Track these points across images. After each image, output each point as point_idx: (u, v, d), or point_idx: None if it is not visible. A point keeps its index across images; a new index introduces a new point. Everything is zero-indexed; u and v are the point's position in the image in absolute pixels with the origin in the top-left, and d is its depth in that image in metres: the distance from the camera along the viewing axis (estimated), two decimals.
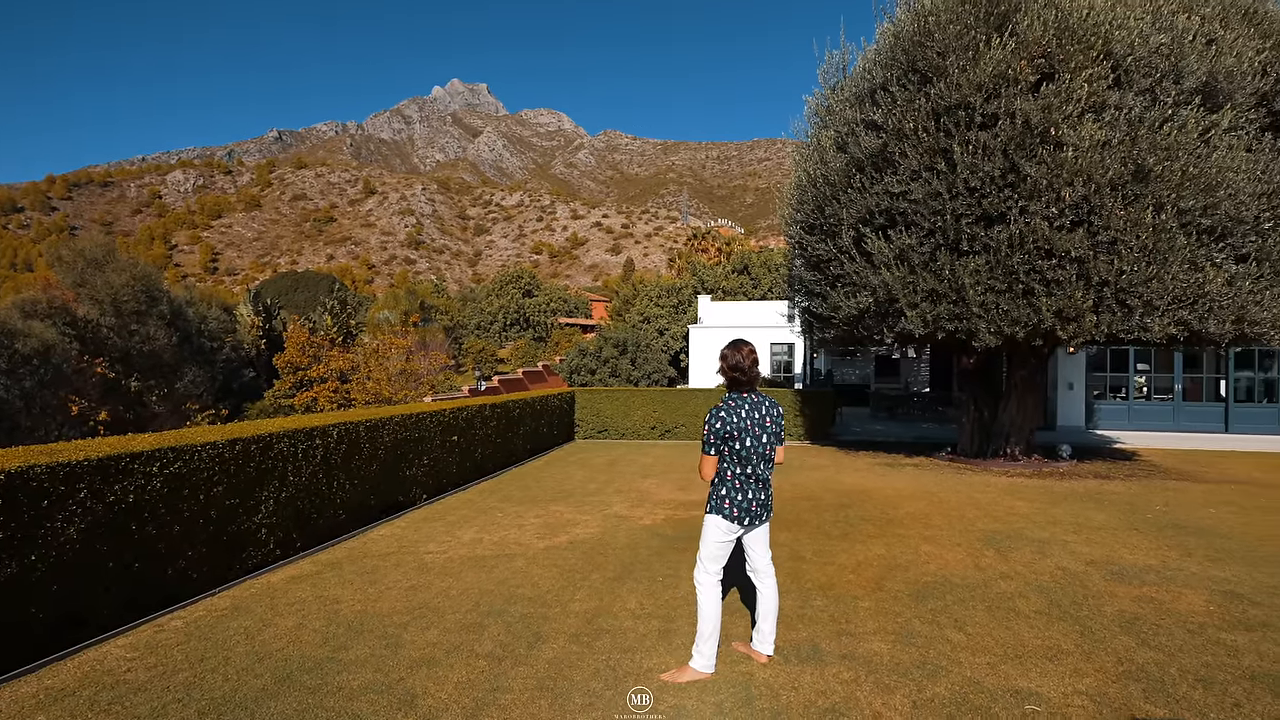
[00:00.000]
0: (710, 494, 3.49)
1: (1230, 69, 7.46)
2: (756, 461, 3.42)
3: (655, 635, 4.00)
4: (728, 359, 3.47)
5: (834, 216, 9.84)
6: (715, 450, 3.40)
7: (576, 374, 23.36)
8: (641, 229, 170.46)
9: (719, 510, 3.43)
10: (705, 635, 3.46)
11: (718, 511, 3.44)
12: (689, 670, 3.46)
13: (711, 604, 3.47)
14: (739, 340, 3.55)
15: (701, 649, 3.46)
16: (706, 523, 3.50)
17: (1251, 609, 4.45)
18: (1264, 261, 7.61)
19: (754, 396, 3.49)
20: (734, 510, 3.42)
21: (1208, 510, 7.42)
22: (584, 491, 8.62)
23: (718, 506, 3.44)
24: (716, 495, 3.46)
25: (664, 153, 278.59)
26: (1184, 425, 15.63)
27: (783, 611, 4.36)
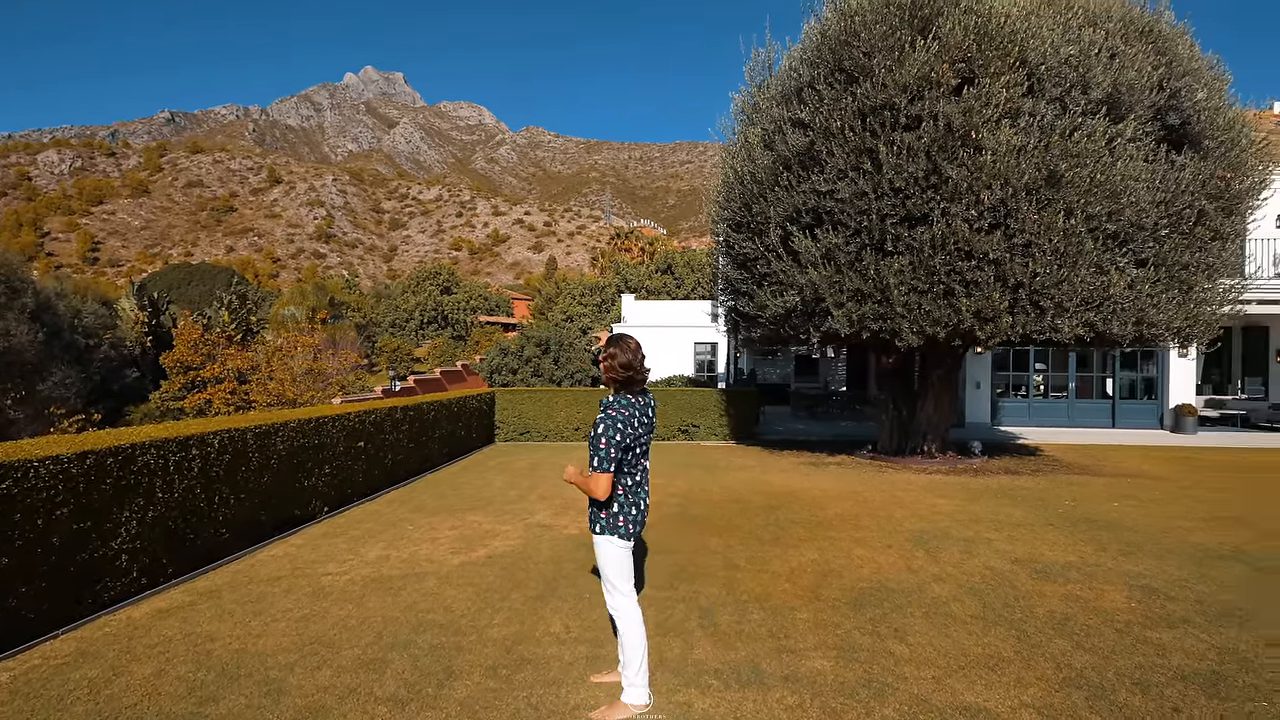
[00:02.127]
0: (598, 512, 3.07)
1: (1132, 82, 7.85)
2: (644, 468, 3.17)
3: (583, 663, 3.62)
4: (617, 357, 3.06)
5: (761, 214, 9.75)
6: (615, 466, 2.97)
7: (497, 374, 22.58)
8: (564, 227, 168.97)
9: (614, 530, 3.06)
10: (637, 664, 3.10)
11: (613, 532, 3.07)
12: (623, 707, 3.09)
13: (637, 627, 3.10)
14: (622, 335, 3.15)
15: (635, 680, 3.10)
16: (602, 546, 3.09)
17: (1169, 604, 4.53)
18: (1160, 266, 8.06)
19: (642, 398, 3.14)
20: (629, 527, 3.09)
21: (1111, 504, 7.75)
22: (504, 499, 8.12)
23: (612, 526, 3.06)
24: (608, 514, 3.06)
25: (587, 151, 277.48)
26: (1078, 421, 16.68)
27: (720, 627, 4.10)
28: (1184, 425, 15.41)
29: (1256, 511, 7.38)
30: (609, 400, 3.05)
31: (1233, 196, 8.29)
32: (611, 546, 3.08)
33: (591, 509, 3.11)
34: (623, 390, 3.10)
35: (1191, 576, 5.11)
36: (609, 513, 3.07)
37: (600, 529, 3.09)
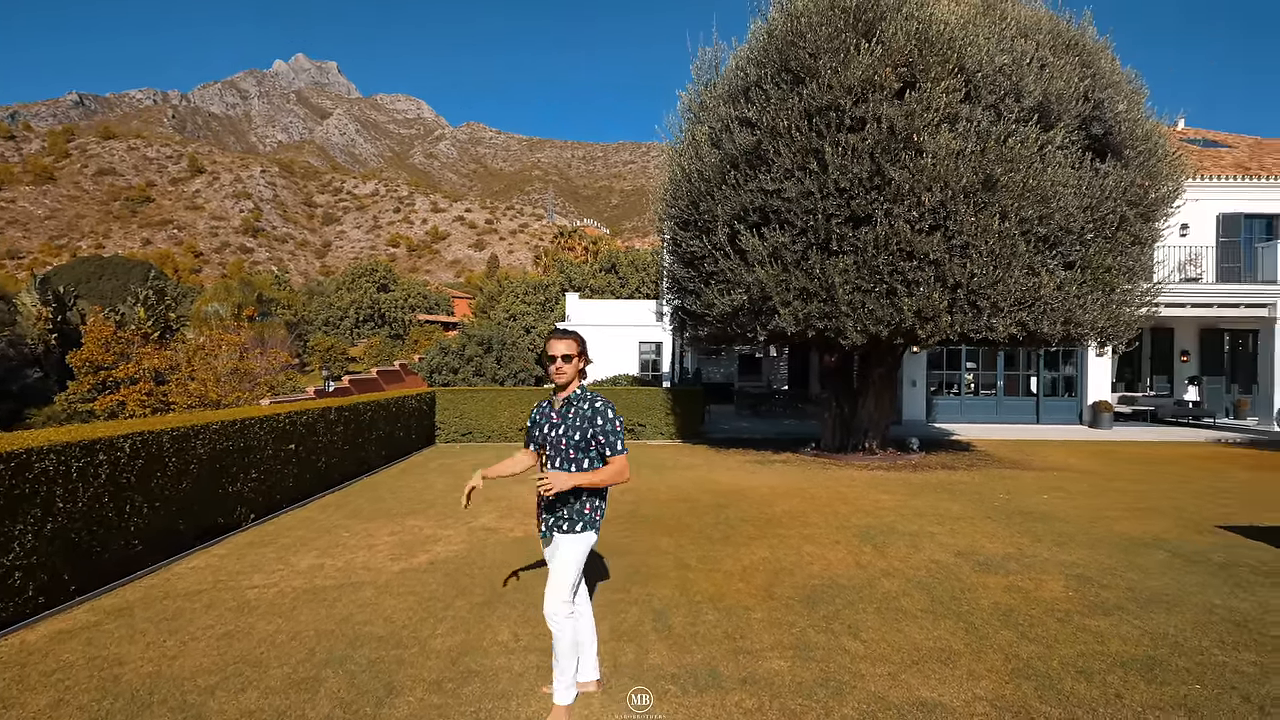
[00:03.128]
0: (580, 508, 2.98)
1: (1060, 92, 8.22)
2: None
3: (534, 673, 3.45)
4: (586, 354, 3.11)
5: (709, 212, 9.74)
6: None
7: (437, 373, 21.96)
8: (506, 225, 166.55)
9: (595, 526, 3.04)
10: (570, 667, 3.04)
11: (594, 527, 3.03)
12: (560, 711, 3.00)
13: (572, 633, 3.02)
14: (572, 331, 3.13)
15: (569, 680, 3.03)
16: (580, 546, 2.98)
17: (1103, 592, 4.70)
18: (1086, 269, 8.46)
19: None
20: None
21: (1042, 496, 8.07)
22: (447, 502, 7.82)
23: (593, 521, 3.02)
24: (593, 507, 3.02)
25: (529, 149, 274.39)
26: (1005, 417, 17.44)
27: (675, 630, 4.01)
28: (1101, 421, 16.32)
29: (1171, 502, 7.81)
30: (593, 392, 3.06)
31: (1150, 204, 8.80)
32: (588, 545, 3.03)
33: (573, 506, 2.98)
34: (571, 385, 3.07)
35: (1120, 565, 5.33)
36: (593, 505, 3.02)
37: (586, 525, 2.98)
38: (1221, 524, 6.71)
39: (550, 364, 3.00)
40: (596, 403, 3.01)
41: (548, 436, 3.03)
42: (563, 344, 2.98)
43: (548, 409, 3.10)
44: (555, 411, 3.06)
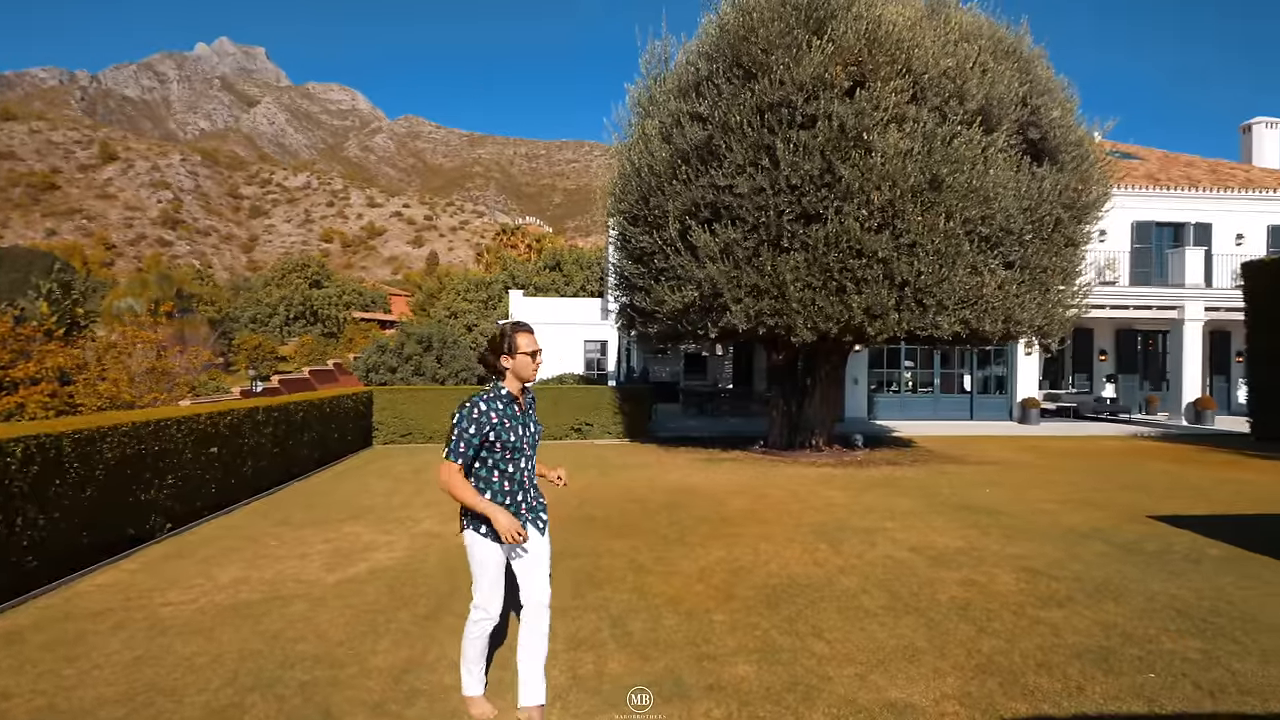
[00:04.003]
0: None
1: (1001, 96, 8.46)
2: None
3: (488, 690, 3.21)
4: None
5: (659, 208, 9.61)
6: None
7: (374, 372, 21.11)
8: (446, 222, 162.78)
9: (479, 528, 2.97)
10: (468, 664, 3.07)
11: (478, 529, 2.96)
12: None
13: None
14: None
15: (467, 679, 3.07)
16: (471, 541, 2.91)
17: (1053, 584, 4.78)
18: (1025, 269, 8.75)
19: None
20: None
21: (984, 490, 8.27)
22: (386, 506, 7.41)
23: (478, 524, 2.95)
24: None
25: (470, 145, 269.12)
26: (942, 414, 18.01)
27: (635, 637, 3.83)
28: (1029, 417, 17.05)
29: (1101, 494, 8.13)
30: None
31: (1082, 206, 9.18)
32: None
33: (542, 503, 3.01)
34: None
35: (1065, 556, 5.46)
36: None
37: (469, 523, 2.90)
38: (1150, 514, 7.01)
39: (531, 359, 2.87)
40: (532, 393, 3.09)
41: (523, 439, 2.87)
42: (534, 338, 2.91)
43: (508, 411, 2.83)
44: (520, 410, 2.89)
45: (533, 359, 2.86)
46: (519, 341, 2.83)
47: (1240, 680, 3.34)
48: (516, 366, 2.83)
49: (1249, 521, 6.75)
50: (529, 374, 2.88)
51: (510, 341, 2.83)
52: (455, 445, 2.73)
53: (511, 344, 2.82)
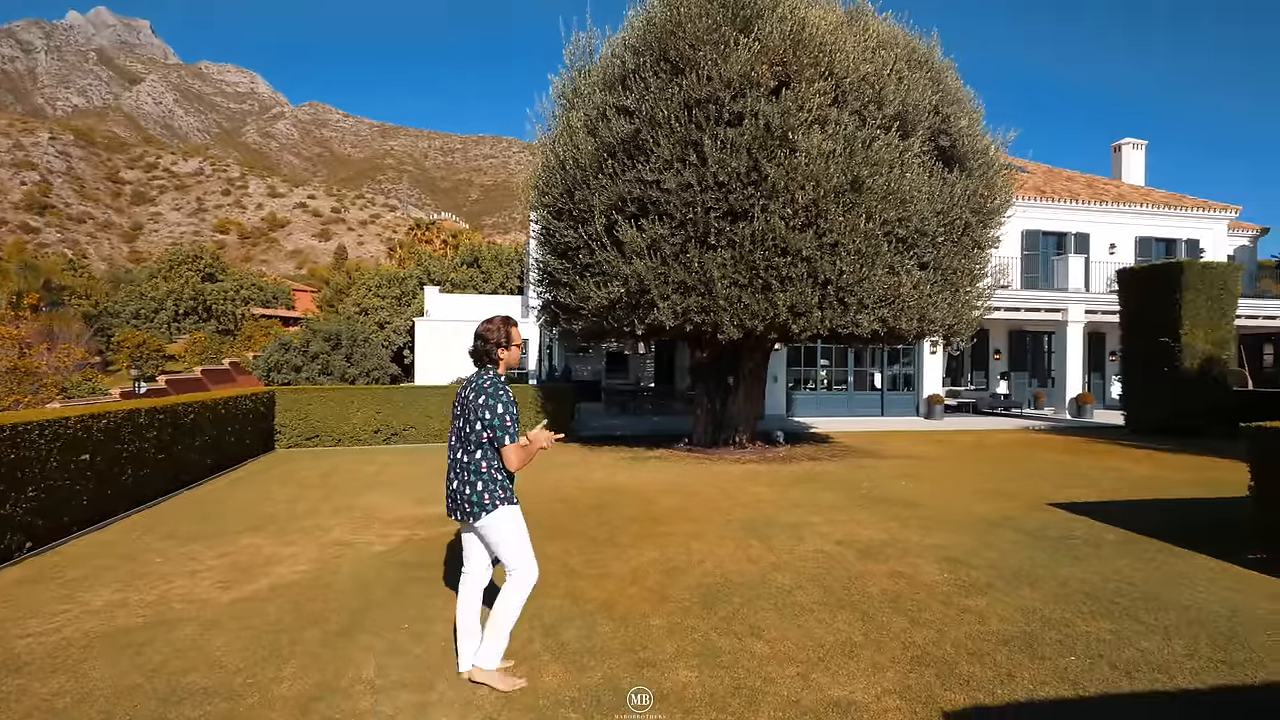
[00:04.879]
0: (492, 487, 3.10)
1: (916, 102, 8.80)
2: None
3: (410, 713, 2.93)
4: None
5: (584, 202, 9.40)
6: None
7: (277, 372, 19.76)
8: (356, 215, 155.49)
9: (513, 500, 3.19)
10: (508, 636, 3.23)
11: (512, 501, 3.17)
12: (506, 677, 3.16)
13: None
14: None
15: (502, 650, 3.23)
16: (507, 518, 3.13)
17: (972, 572, 4.93)
18: (938, 270, 9.14)
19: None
20: None
21: (900, 483, 8.56)
22: (290, 515, 6.83)
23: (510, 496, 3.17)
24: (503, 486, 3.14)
25: (381, 135, 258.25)
26: (855, 411, 18.71)
27: (569, 646, 3.62)
28: (934, 412, 17.98)
29: (1006, 484, 8.58)
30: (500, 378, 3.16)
31: (988, 211, 9.70)
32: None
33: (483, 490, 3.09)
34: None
35: (980, 545, 5.67)
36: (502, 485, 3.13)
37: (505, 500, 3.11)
38: (1049, 502, 7.44)
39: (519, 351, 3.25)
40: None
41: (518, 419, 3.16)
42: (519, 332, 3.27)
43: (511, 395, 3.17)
44: None
45: (519, 350, 3.26)
46: (514, 334, 3.20)
47: (1150, 658, 3.51)
48: (510, 357, 3.19)
49: (1134, 506, 7.27)
50: (515, 363, 3.25)
51: (507, 334, 3.18)
52: (512, 428, 3.03)
53: (509, 337, 3.18)
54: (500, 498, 3.07)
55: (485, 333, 3.16)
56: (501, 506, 3.07)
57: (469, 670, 3.19)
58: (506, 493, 3.09)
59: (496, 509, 3.06)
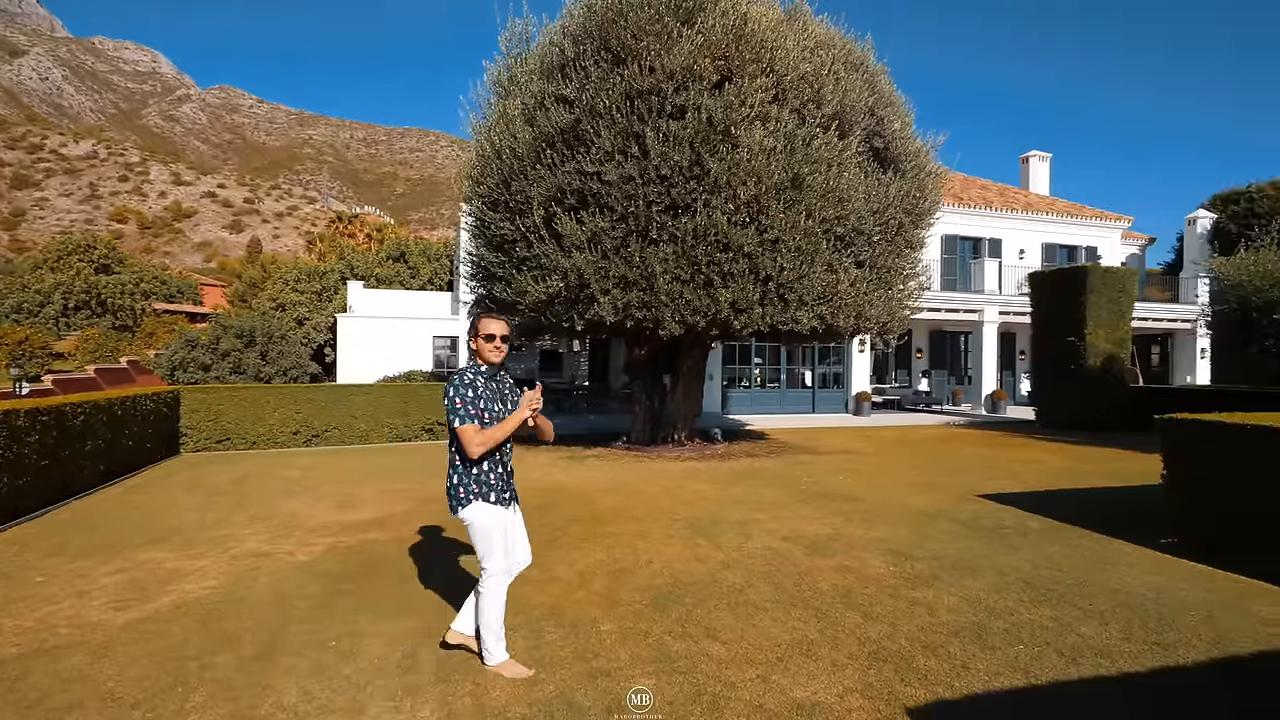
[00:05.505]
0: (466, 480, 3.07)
1: (853, 103, 8.96)
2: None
3: None
4: None
5: (522, 193, 9.09)
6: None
7: (182, 370, 18.36)
8: (271, 206, 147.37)
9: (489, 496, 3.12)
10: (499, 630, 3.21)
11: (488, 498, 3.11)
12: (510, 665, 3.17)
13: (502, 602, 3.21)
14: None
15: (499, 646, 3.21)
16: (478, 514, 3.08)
17: (916, 564, 4.98)
18: (873, 268, 9.34)
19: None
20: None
21: (838, 478, 8.68)
22: (198, 525, 6.24)
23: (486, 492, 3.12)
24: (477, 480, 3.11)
25: (300, 124, 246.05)
26: (788, 408, 19.06)
27: (516, 656, 3.38)
28: (862, 409, 18.53)
29: (936, 476, 8.85)
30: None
31: (919, 213, 9.99)
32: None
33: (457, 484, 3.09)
34: None
35: (920, 537, 5.77)
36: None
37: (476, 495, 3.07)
38: (978, 493, 7.70)
39: (488, 342, 3.07)
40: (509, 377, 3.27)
41: (505, 412, 3.07)
42: (499, 324, 3.11)
43: (489, 385, 3.08)
44: (504, 390, 3.16)
45: (489, 343, 3.06)
46: (481, 325, 3.08)
47: (1091, 643, 3.59)
48: (481, 349, 3.07)
49: (1053, 496, 7.62)
50: (489, 358, 3.08)
51: (474, 326, 3.09)
52: (462, 410, 2.94)
53: (475, 328, 3.08)
54: (474, 492, 3.02)
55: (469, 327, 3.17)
56: (475, 502, 3.02)
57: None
58: (482, 487, 3.03)
59: (470, 504, 3.03)
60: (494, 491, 3.06)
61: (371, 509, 6.82)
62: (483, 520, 3.05)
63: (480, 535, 3.08)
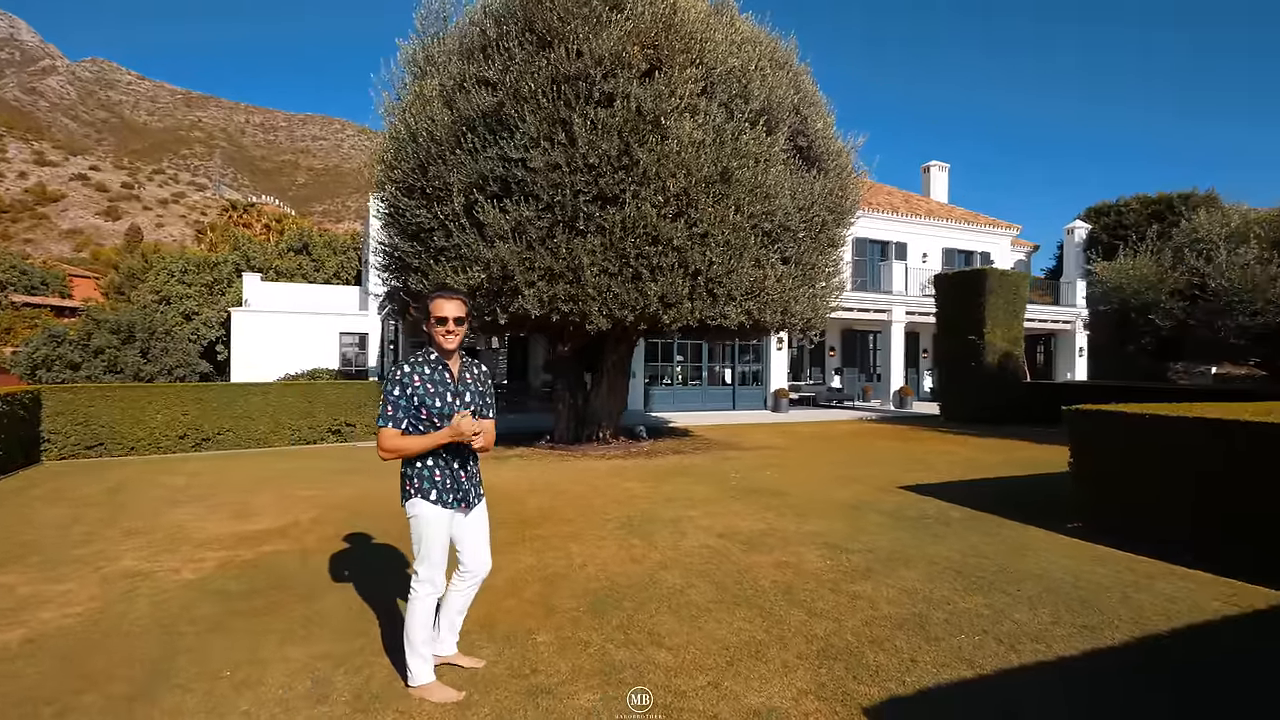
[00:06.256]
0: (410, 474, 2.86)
1: (780, 100, 9.02)
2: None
3: None
4: None
5: (440, 179, 8.59)
6: None
7: (45, 369, 16.43)
8: (154, 193, 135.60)
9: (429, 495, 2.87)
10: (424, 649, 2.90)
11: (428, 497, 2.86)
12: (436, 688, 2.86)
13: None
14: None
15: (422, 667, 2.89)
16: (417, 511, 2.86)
17: (852, 557, 4.98)
18: (799, 265, 9.44)
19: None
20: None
21: (765, 473, 8.71)
22: (61, 542, 5.45)
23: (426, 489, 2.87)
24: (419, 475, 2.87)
25: (187, 104, 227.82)
26: (709, 405, 19.22)
27: (442, 679, 3.05)
28: (781, 406, 18.94)
29: (860, 470, 9.05)
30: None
31: (842, 211, 10.21)
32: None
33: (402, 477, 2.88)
34: None
35: (852, 529, 5.80)
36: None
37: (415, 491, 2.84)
38: (898, 485, 7.91)
39: (440, 326, 2.77)
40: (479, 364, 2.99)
41: (451, 407, 2.77)
42: (453, 304, 2.79)
43: (434, 376, 2.78)
44: (454, 379, 2.83)
45: (440, 327, 2.77)
46: (435, 306, 2.78)
47: (1025, 629, 3.64)
48: (435, 333, 2.79)
49: (968, 486, 7.94)
50: (442, 343, 2.79)
51: (425, 307, 2.86)
52: (383, 410, 2.73)
53: (427, 309, 2.81)
54: (415, 488, 2.79)
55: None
56: (415, 498, 2.80)
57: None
58: (423, 484, 2.79)
59: (410, 498, 2.81)
60: (436, 490, 2.79)
61: (271, 518, 6.19)
62: (418, 519, 2.81)
63: (414, 534, 2.84)
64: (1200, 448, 5.09)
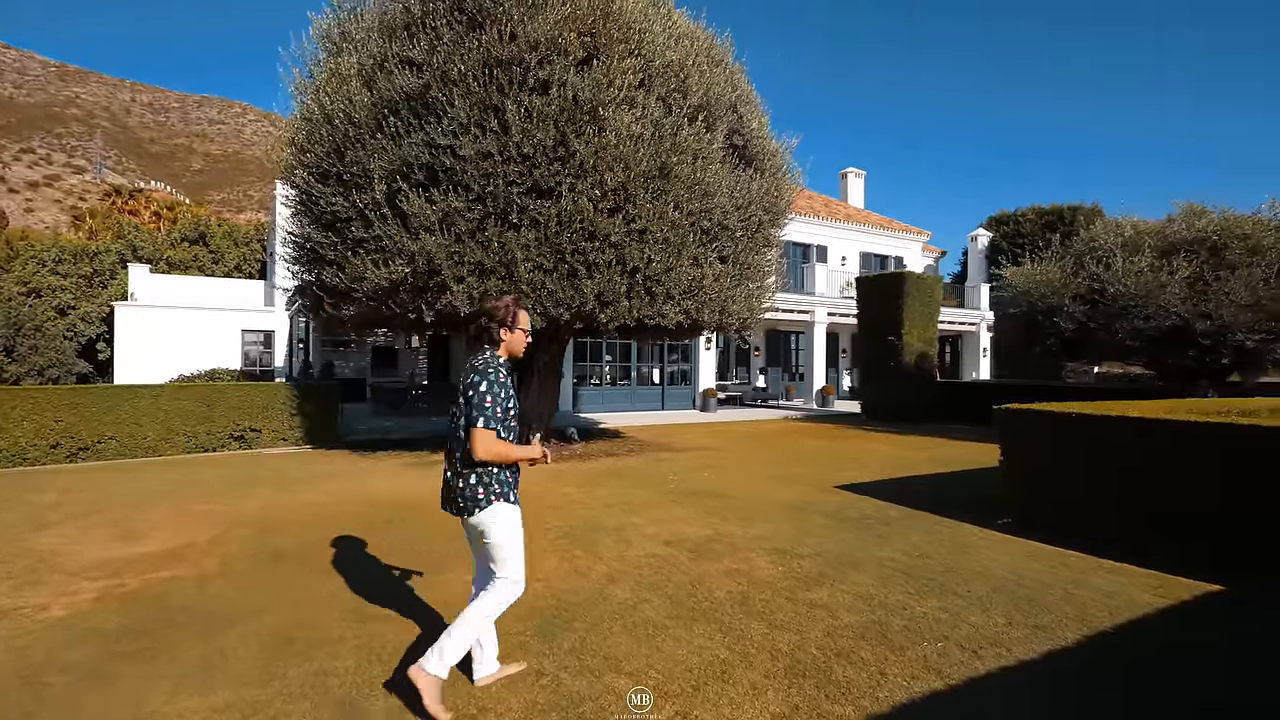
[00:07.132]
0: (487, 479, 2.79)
1: (718, 97, 8.91)
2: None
3: None
4: None
5: (359, 165, 7.97)
6: None
7: None
8: (24, 174, 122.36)
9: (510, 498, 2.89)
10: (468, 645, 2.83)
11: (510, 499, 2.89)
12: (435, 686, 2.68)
13: None
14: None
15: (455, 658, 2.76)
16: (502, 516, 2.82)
17: (803, 562, 4.87)
18: (737, 263, 9.36)
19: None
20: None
21: (702, 475, 8.58)
22: None
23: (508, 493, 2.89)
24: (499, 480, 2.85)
25: (62, 79, 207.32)
26: (638, 405, 19.05)
27: (373, 714, 2.67)
28: (709, 405, 19.02)
29: (794, 469, 9.08)
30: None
31: (777, 211, 10.22)
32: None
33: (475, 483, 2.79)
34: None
35: (798, 532, 5.72)
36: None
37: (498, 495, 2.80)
38: (835, 484, 7.96)
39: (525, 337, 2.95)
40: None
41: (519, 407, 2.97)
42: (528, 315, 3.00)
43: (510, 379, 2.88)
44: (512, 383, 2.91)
45: (526, 335, 2.95)
46: (522, 318, 2.92)
47: (983, 633, 3.61)
48: (512, 342, 2.91)
49: (899, 484, 8.08)
50: (520, 351, 2.95)
51: (514, 315, 2.90)
52: (493, 411, 2.72)
53: (515, 319, 2.90)
54: (495, 492, 2.78)
55: (492, 311, 2.92)
56: (497, 503, 2.78)
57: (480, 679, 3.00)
58: (504, 488, 2.80)
59: (491, 504, 2.77)
60: (513, 491, 2.86)
61: (162, 539, 5.48)
62: (504, 522, 2.80)
63: (494, 539, 2.80)
64: (1125, 445, 5.29)
